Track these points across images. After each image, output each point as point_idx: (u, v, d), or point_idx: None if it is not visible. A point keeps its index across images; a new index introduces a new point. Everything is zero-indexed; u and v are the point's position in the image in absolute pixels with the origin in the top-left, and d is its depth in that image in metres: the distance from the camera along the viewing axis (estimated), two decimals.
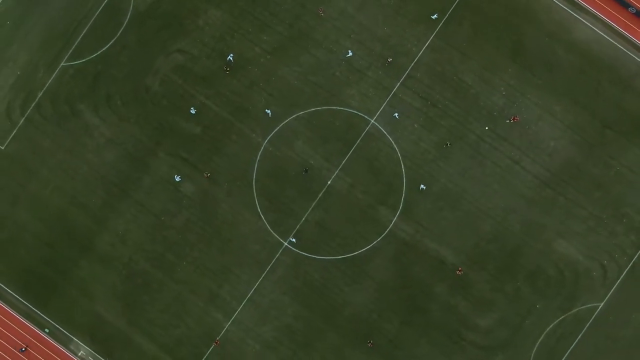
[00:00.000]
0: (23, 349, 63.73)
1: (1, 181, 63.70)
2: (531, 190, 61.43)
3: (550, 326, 61.42)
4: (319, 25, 62.20)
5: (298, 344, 62.78)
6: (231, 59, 62.25)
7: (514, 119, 61.30)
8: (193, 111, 62.45)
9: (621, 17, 61.48)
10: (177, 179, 62.64)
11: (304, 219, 62.51)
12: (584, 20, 61.39)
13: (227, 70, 62.39)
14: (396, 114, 61.58)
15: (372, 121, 61.96)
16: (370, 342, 62.03)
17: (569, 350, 61.40)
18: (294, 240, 62.41)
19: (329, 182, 62.36)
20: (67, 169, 63.38)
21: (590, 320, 61.19)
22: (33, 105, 63.31)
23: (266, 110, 62.21)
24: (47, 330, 63.98)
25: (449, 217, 61.87)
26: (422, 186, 61.76)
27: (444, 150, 61.68)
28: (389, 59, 61.75)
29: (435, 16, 61.45)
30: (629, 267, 61.17)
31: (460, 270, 61.56)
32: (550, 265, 61.42)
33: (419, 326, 62.08)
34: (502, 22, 61.60)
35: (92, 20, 62.98)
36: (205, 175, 62.52)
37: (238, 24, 62.71)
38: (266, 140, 62.47)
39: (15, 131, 63.47)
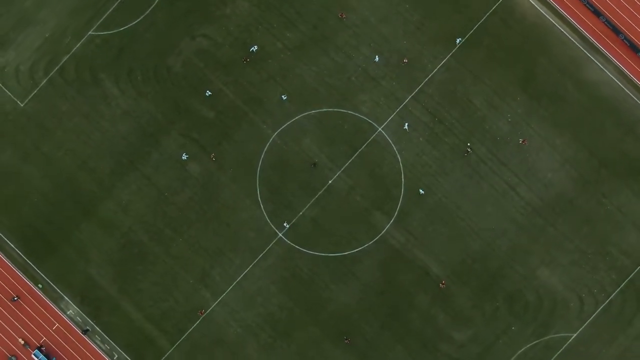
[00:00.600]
0: (15, 298, 64.57)
1: (16, 137, 64.29)
2: (523, 216, 62.59)
3: (522, 349, 62.49)
4: (341, 31, 63.12)
5: (278, 332, 63.76)
6: (254, 50, 63.35)
7: (523, 142, 62.40)
8: (208, 93, 63.31)
9: (632, 62, 62.42)
10: (184, 157, 63.57)
11: (301, 213, 63.46)
12: (596, 61, 62.41)
13: (246, 61, 63.43)
14: (405, 126, 62.65)
15: (380, 129, 63.04)
16: (347, 339, 63.10)
17: None
18: (286, 225, 63.29)
19: (330, 182, 63.34)
20: (81, 134, 64.10)
21: (561, 349, 62.27)
22: (57, 68, 63.98)
23: (282, 96, 63.18)
24: (40, 285, 64.69)
25: (440, 231, 62.92)
26: (420, 191, 62.86)
27: (445, 166, 62.74)
28: (405, 60, 62.77)
29: (458, 40, 62.51)
30: (605, 303, 62.24)
31: (443, 284, 62.67)
32: (530, 291, 62.58)
33: (396, 331, 63.18)
34: (518, 51, 62.59)
35: None
36: (212, 156, 63.43)
37: (264, 17, 63.60)
38: (275, 133, 63.42)
39: (36, 91, 64.11)
